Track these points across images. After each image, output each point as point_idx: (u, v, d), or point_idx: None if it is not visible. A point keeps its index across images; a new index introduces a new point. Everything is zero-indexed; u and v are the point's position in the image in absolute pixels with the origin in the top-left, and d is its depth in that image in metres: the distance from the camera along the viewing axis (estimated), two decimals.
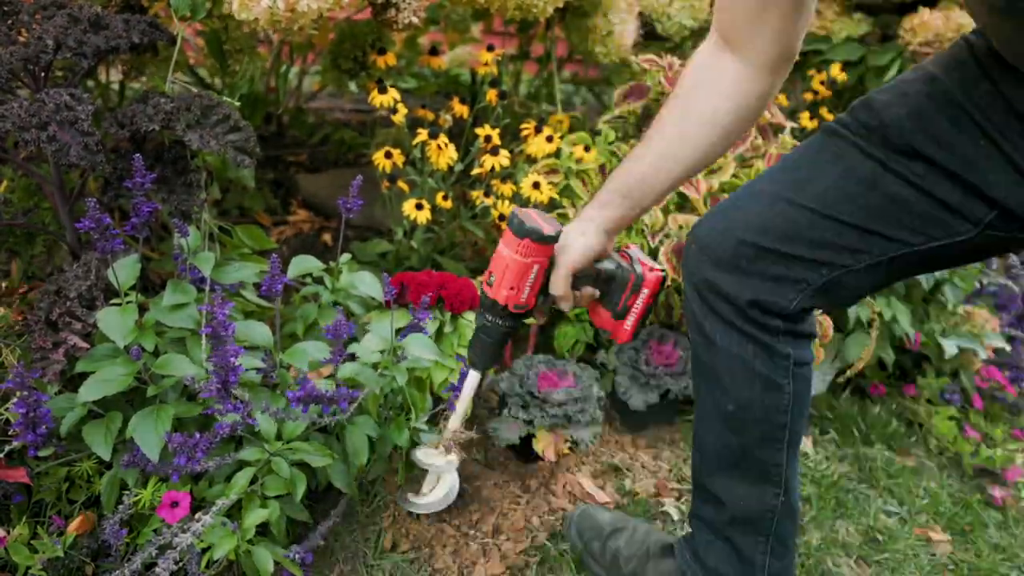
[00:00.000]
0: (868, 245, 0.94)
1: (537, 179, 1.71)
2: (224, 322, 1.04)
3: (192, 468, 1.03)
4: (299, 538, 1.21)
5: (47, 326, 1.11)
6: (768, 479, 1.05)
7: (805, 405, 1.05)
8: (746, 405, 1.02)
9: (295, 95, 2.58)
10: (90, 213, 1.07)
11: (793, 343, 1.01)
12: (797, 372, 1.02)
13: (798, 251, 0.96)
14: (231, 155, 1.25)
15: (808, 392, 1.05)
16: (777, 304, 0.97)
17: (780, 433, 1.03)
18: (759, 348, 0.99)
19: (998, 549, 1.58)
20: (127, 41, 1.28)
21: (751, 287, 0.97)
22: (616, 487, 1.50)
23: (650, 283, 1.11)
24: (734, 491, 1.08)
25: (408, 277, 1.46)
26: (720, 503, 1.09)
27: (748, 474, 1.06)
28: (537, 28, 2.57)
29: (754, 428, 1.03)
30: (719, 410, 1.05)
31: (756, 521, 1.07)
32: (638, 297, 1.11)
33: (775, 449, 1.04)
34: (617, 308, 1.12)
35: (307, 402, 1.10)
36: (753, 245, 0.97)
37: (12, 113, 1.08)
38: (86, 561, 1.09)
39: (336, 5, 1.40)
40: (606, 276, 1.10)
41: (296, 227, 2.18)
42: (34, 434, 1.03)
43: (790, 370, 1.01)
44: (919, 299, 2.04)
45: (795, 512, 1.09)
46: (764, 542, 1.08)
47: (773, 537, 1.08)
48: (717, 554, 1.11)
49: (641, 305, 1.12)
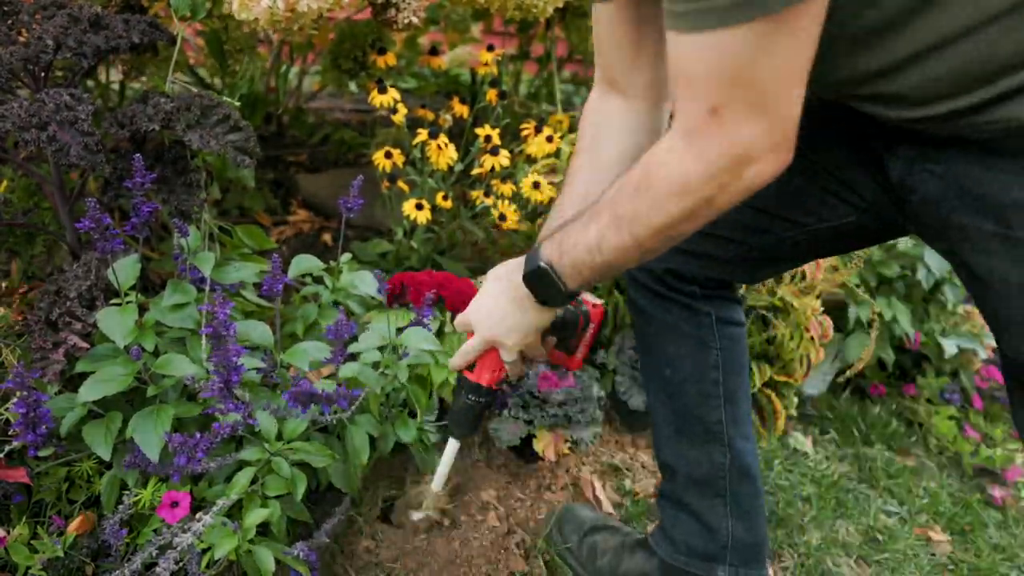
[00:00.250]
0: (771, 225, 1.03)
1: (537, 179, 1.71)
2: (225, 322, 1.04)
3: (193, 469, 1.03)
4: (300, 538, 1.21)
5: (47, 326, 1.11)
6: (711, 438, 1.12)
7: (737, 363, 1.13)
8: (678, 366, 1.12)
9: (295, 95, 2.58)
10: (90, 213, 1.07)
11: (714, 303, 1.11)
12: (723, 330, 1.12)
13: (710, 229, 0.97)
14: (231, 155, 1.25)
15: (740, 351, 1.14)
16: (690, 272, 1.09)
17: (714, 389, 1.12)
18: (681, 309, 1.11)
19: (998, 549, 1.58)
20: (127, 41, 1.28)
21: (664, 258, 1.01)
22: (616, 487, 1.50)
23: (595, 317, 1.19)
24: (683, 456, 1.15)
25: (408, 277, 1.46)
26: (674, 472, 1.17)
27: (692, 436, 1.14)
28: (537, 28, 2.57)
29: (689, 387, 1.12)
30: (659, 378, 1.15)
31: (709, 482, 1.13)
32: (586, 334, 1.20)
33: (712, 407, 1.12)
34: (569, 345, 1.20)
35: (303, 401, 1.10)
36: None
37: (12, 113, 1.08)
38: (86, 561, 1.09)
39: (336, 5, 1.40)
40: (560, 323, 1.13)
41: (296, 227, 2.18)
42: (34, 434, 1.03)
43: (714, 328, 1.11)
44: (919, 299, 2.04)
45: (749, 475, 1.14)
46: (722, 504, 1.13)
47: (730, 499, 1.13)
48: (682, 526, 1.16)
49: (588, 338, 1.21)
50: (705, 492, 1.14)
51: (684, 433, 1.14)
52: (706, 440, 1.13)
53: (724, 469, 1.13)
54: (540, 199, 1.71)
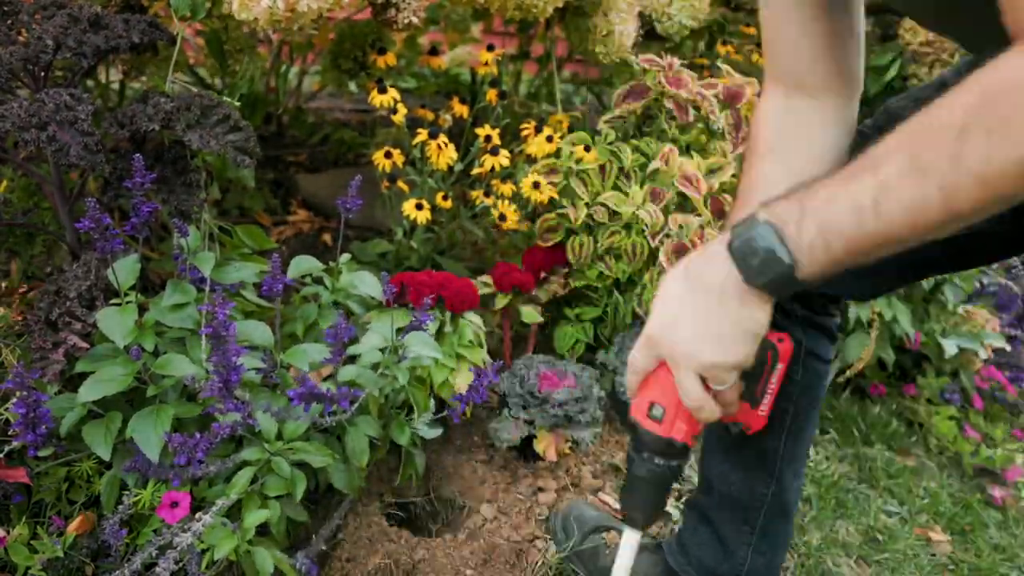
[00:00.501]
0: None
1: (537, 179, 1.71)
2: (224, 322, 1.04)
3: (193, 472, 1.03)
4: (299, 539, 1.21)
5: (47, 326, 1.11)
6: (762, 467, 1.05)
7: (813, 398, 1.05)
8: None
9: (295, 95, 2.58)
10: (90, 213, 1.07)
11: (808, 334, 1.00)
12: (808, 363, 1.01)
13: None
14: (231, 155, 1.25)
15: (819, 388, 1.05)
16: None
17: (783, 419, 1.02)
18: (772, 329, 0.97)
19: (998, 549, 1.58)
20: (127, 41, 1.28)
21: None
22: (616, 487, 1.50)
23: (784, 355, 0.91)
24: (727, 476, 1.08)
25: (408, 277, 1.46)
26: (711, 488, 1.10)
27: (742, 461, 1.06)
28: (537, 28, 2.57)
29: None
30: None
31: (744, 509, 1.07)
32: (773, 377, 0.91)
33: (773, 436, 1.03)
34: (755, 394, 0.91)
35: (308, 400, 1.10)
36: None
37: (12, 113, 1.08)
38: (86, 561, 1.09)
39: (336, 5, 1.40)
40: None
41: (296, 227, 2.18)
42: (34, 434, 1.03)
43: (800, 359, 0.99)
44: (919, 299, 2.04)
45: (786, 512, 1.08)
46: (749, 534, 1.07)
47: (759, 532, 1.07)
48: (701, 541, 1.11)
49: (776, 383, 0.92)
50: (736, 517, 1.08)
51: (734, 453, 1.07)
52: (755, 467, 1.06)
53: (764, 501, 1.07)
54: (540, 199, 1.71)
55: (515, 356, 1.68)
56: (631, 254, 1.70)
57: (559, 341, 1.79)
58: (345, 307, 1.42)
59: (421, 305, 1.27)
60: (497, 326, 1.76)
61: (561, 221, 1.76)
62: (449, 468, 1.46)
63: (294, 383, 1.21)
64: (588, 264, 1.75)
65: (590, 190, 1.77)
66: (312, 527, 1.24)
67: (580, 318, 1.81)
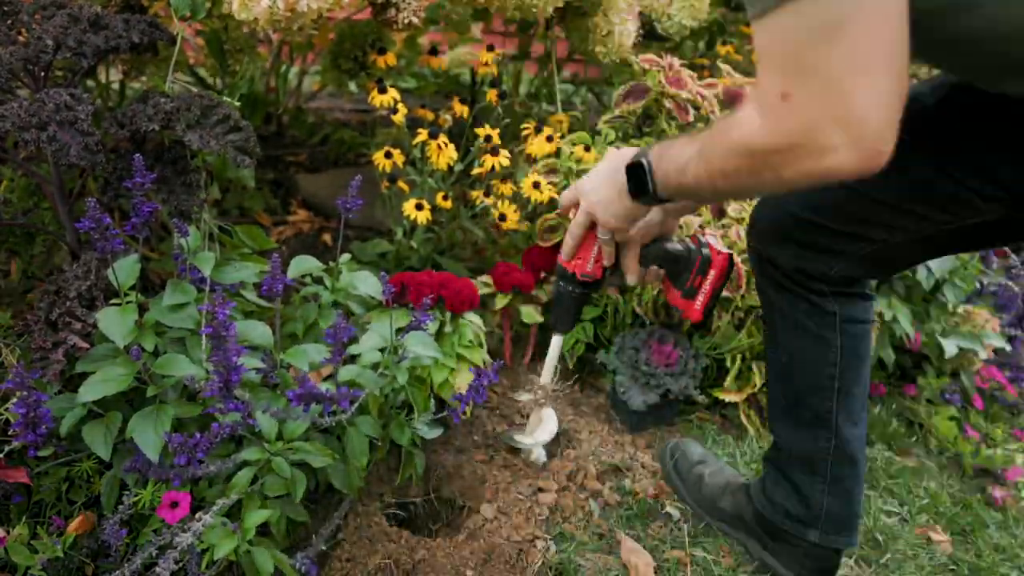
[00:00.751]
0: (902, 222, 1.02)
1: (537, 179, 1.71)
2: (224, 322, 1.04)
3: (193, 472, 1.03)
4: (299, 539, 1.21)
5: (47, 326, 1.11)
6: (819, 423, 1.18)
7: (858, 357, 1.17)
8: (797, 357, 1.18)
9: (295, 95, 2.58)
10: (90, 213, 1.07)
11: (840, 301, 1.13)
12: (846, 328, 1.14)
13: (837, 224, 1.06)
14: (231, 155, 1.25)
15: (863, 346, 1.17)
16: (819, 270, 1.11)
17: (828, 383, 1.16)
18: (808, 305, 1.14)
19: (998, 549, 1.58)
20: (127, 41, 1.28)
21: (795, 255, 1.11)
22: (616, 487, 1.50)
23: (717, 264, 1.19)
24: (790, 435, 1.22)
25: (408, 277, 1.46)
26: (779, 444, 1.25)
27: (800, 419, 1.20)
28: (537, 28, 2.57)
29: (804, 378, 1.18)
30: (777, 362, 1.22)
31: (812, 462, 1.20)
32: (705, 278, 1.19)
33: (824, 397, 1.17)
34: (685, 287, 1.21)
35: (307, 400, 1.10)
36: (796, 217, 1.09)
37: (12, 113, 1.08)
38: (86, 561, 1.09)
39: (336, 5, 1.40)
40: (673, 256, 1.18)
41: (296, 227, 2.18)
42: (34, 434, 1.03)
43: (837, 326, 1.14)
44: (919, 299, 2.04)
45: (853, 459, 1.19)
46: (821, 482, 1.20)
47: (830, 480, 1.19)
48: (781, 492, 1.25)
49: (709, 286, 1.20)
50: (806, 469, 1.21)
51: (793, 414, 1.21)
52: (813, 424, 1.18)
53: (828, 453, 1.18)
54: (540, 199, 1.71)
55: (515, 356, 1.68)
56: None
57: None
58: (345, 307, 1.42)
59: (421, 305, 1.27)
60: (497, 326, 1.76)
61: (561, 221, 1.76)
62: (449, 468, 1.46)
63: (294, 383, 1.21)
64: None
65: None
66: (312, 527, 1.24)
67: (580, 318, 1.81)
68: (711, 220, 1.74)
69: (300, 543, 1.20)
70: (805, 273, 1.12)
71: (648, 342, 1.69)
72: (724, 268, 1.19)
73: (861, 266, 1.10)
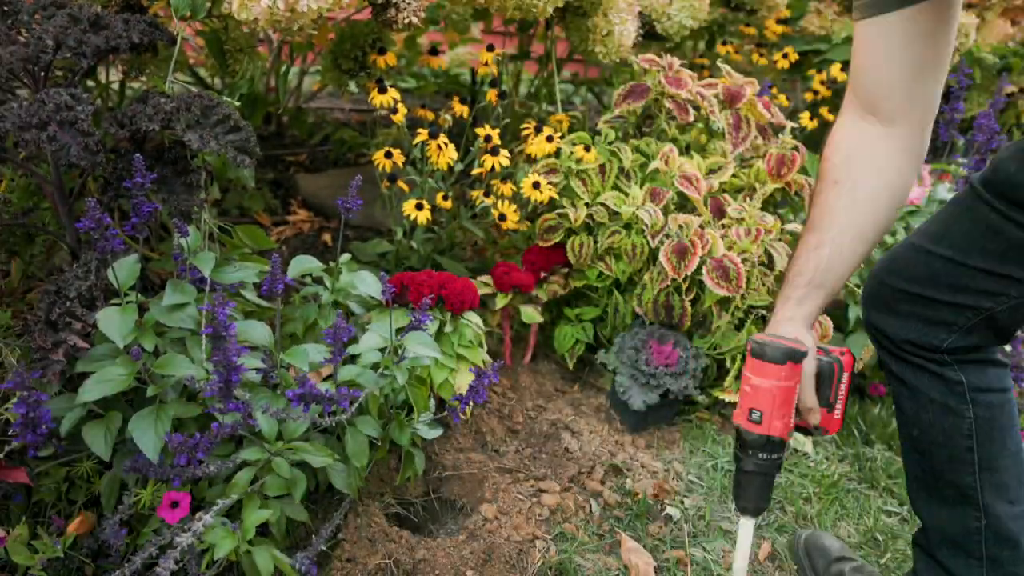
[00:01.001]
0: (1004, 288, 0.99)
1: (537, 179, 1.71)
2: (224, 322, 1.04)
3: (193, 473, 1.03)
4: (299, 539, 1.21)
5: (47, 326, 1.10)
6: (964, 501, 1.08)
7: (1000, 428, 1.07)
8: (927, 430, 1.09)
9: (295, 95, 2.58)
10: (90, 213, 1.07)
11: (967, 369, 1.06)
12: (977, 397, 1.06)
13: (941, 295, 1.03)
14: (231, 155, 1.25)
15: (1003, 416, 1.08)
16: (930, 343, 1.05)
17: (967, 456, 1.07)
18: (930, 376, 1.07)
19: None
20: (127, 41, 1.28)
21: (904, 327, 1.07)
22: (616, 487, 1.50)
23: (847, 366, 1.13)
24: (933, 513, 1.13)
25: (408, 277, 1.46)
26: (927, 528, 1.15)
27: (943, 497, 1.11)
28: (537, 28, 2.57)
29: (938, 451, 1.09)
30: (908, 437, 1.13)
31: (962, 544, 1.10)
32: (842, 384, 1.12)
33: (965, 472, 1.07)
34: (829, 400, 1.11)
35: (307, 401, 1.10)
36: (900, 290, 1.07)
37: (12, 113, 1.08)
38: (86, 561, 1.09)
39: (336, 5, 1.40)
40: (818, 372, 1.08)
41: (296, 227, 2.18)
42: (34, 434, 1.03)
43: (967, 395, 1.06)
44: None
45: (1012, 540, 1.08)
46: (978, 566, 1.09)
47: (987, 563, 1.09)
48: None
49: (844, 390, 1.13)
50: (958, 552, 1.11)
51: (934, 492, 1.12)
52: (958, 503, 1.09)
53: (979, 533, 1.08)
54: (540, 199, 1.71)
55: (515, 356, 1.68)
56: (631, 254, 1.70)
57: (559, 341, 1.79)
58: (345, 307, 1.42)
59: (421, 305, 1.27)
60: (497, 326, 1.76)
61: (561, 221, 1.76)
62: (449, 468, 1.46)
63: (294, 383, 1.21)
64: (588, 264, 1.75)
65: (590, 190, 1.77)
66: (312, 527, 1.24)
67: (580, 318, 1.81)
68: (710, 220, 1.74)
69: (300, 543, 1.20)
70: (916, 345, 1.07)
71: (648, 342, 1.69)
72: (851, 368, 1.14)
73: (972, 335, 1.04)
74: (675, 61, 1.92)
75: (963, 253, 1.01)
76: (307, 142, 2.61)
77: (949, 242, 1.03)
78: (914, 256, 1.06)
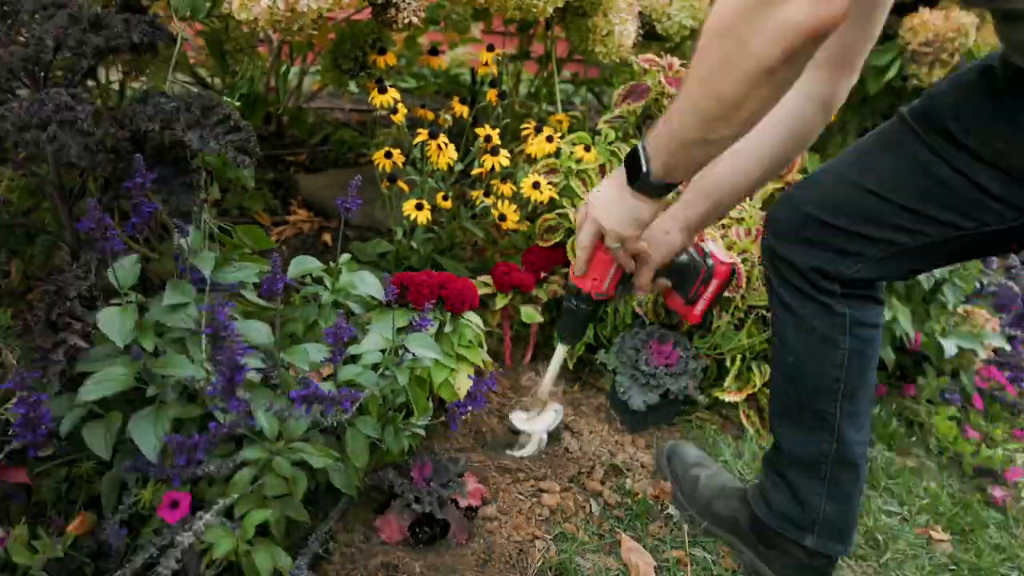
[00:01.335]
0: (922, 226, 1.02)
1: (537, 179, 1.71)
2: (224, 322, 1.04)
3: (193, 472, 1.03)
4: (298, 539, 1.21)
5: (47, 326, 1.10)
6: (822, 426, 1.17)
7: (865, 360, 1.15)
8: (803, 359, 1.16)
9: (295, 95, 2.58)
10: (90, 213, 1.07)
11: (851, 304, 1.12)
12: (856, 331, 1.13)
13: (858, 227, 1.06)
14: (231, 155, 1.24)
15: (870, 350, 1.16)
16: (836, 271, 1.10)
17: (835, 385, 1.15)
18: (817, 307, 1.13)
19: (998, 549, 1.58)
20: (127, 41, 1.28)
21: (813, 256, 1.10)
22: (616, 487, 1.50)
23: (720, 274, 1.26)
24: (791, 435, 1.21)
25: (408, 277, 1.46)
26: (780, 445, 1.23)
27: (802, 421, 1.19)
28: (537, 28, 2.57)
29: (808, 379, 1.17)
30: (783, 362, 1.20)
31: (811, 465, 1.19)
32: (708, 287, 1.27)
33: (828, 400, 1.16)
34: (688, 295, 1.28)
35: (310, 401, 1.10)
36: (817, 219, 1.09)
37: (12, 113, 1.08)
38: (86, 561, 1.09)
39: (336, 5, 1.40)
40: (679, 268, 1.24)
41: (296, 227, 2.18)
42: (34, 434, 1.03)
43: (847, 328, 1.13)
44: (919, 299, 2.04)
45: (853, 463, 1.18)
46: (820, 486, 1.19)
47: (829, 483, 1.18)
48: (779, 494, 1.24)
49: (710, 294, 1.28)
50: (805, 472, 1.20)
51: (796, 417, 1.20)
52: (816, 427, 1.17)
53: (828, 456, 1.17)
54: (540, 199, 1.71)
55: (515, 356, 1.68)
56: None
57: None
58: (345, 307, 1.42)
59: (421, 305, 1.27)
60: (497, 326, 1.76)
61: (561, 221, 1.76)
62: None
63: (294, 383, 1.21)
64: None
65: (590, 190, 1.77)
66: (312, 527, 1.24)
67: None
68: None
69: (300, 543, 1.20)
70: (821, 272, 1.11)
71: (648, 342, 1.69)
72: (726, 278, 1.25)
73: (879, 269, 1.09)
74: (675, 61, 1.92)
75: (888, 189, 1.03)
76: (307, 142, 2.61)
77: (875, 175, 1.04)
78: (836, 186, 1.09)
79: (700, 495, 1.40)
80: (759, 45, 0.76)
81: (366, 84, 1.90)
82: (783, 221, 1.14)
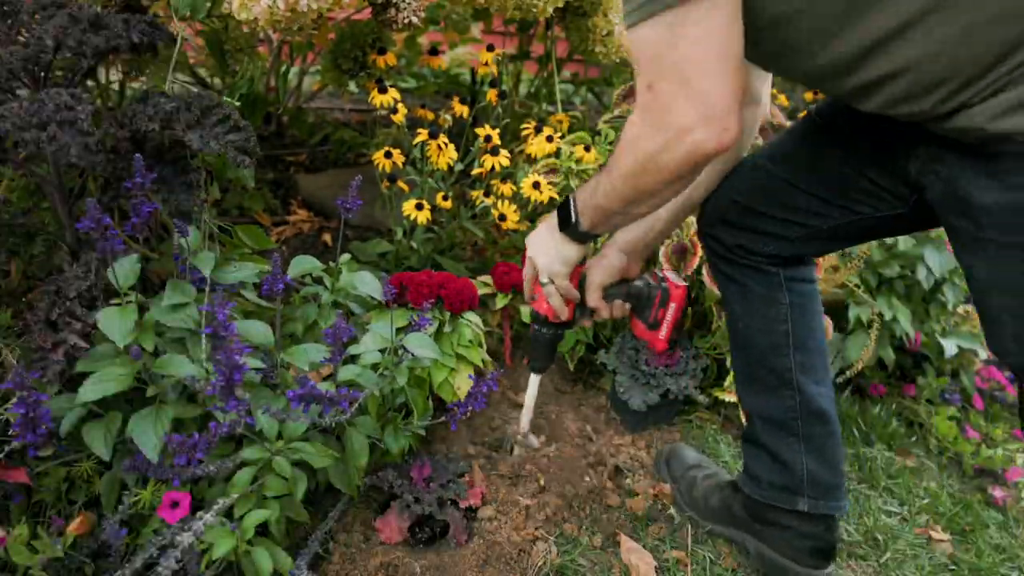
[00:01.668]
0: (829, 211, 1.12)
1: (537, 179, 1.71)
2: (224, 322, 1.04)
3: (193, 472, 1.03)
4: (298, 539, 1.21)
5: (47, 326, 1.10)
6: (781, 383, 1.23)
7: (808, 313, 1.24)
8: (749, 321, 1.25)
9: (295, 95, 2.58)
10: (90, 213, 1.07)
11: (781, 265, 1.22)
12: (791, 286, 1.23)
13: (773, 211, 1.17)
14: (231, 155, 1.25)
15: (810, 303, 1.24)
16: (757, 248, 1.21)
17: (784, 339, 1.23)
18: (753, 271, 1.23)
19: (998, 549, 1.58)
20: (127, 41, 1.28)
21: (735, 235, 1.21)
22: (616, 487, 1.50)
23: (676, 297, 1.33)
24: (757, 401, 1.28)
25: (408, 277, 1.46)
26: (752, 416, 1.30)
27: (764, 383, 1.25)
28: (537, 28, 2.57)
29: (759, 339, 1.24)
30: (734, 332, 1.28)
31: (782, 423, 1.25)
32: (667, 311, 1.34)
33: (781, 355, 1.23)
34: (649, 320, 1.35)
35: (308, 401, 1.10)
36: (737, 203, 1.20)
37: (12, 113, 1.08)
38: (86, 561, 1.09)
39: (336, 5, 1.40)
40: (635, 292, 1.31)
41: (296, 227, 2.18)
42: (34, 434, 1.03)
43: (783, 284, 1.22)
44: (919, 299, 2.04)
45: (821, 414, 1.23)
46: (796, 442, 1.24)
47: (803, 438, 1.23)
48: (761, 464, 1.28)
49: (671, 317, 1.34)
50: (778, 432, 1.25)
51: (757, 380, 1.27)
52: (776, 385, 1.24)
53: (795, 411, 1.23)
54: (540, 199, 1.71)
55: (515, 356, 1.68)
56: None
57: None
58: (345, 307, 1.42)
59: (420, 305, 1.27)
60: (497, 326, 1.76)
61: None
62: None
63: (294, 383, 1.21)
64: None
65: None
66: (311, 527, 1.24)
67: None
68: None
69: (299, 543, 1.20)
70: (745, 249, 1.21)
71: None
72: (683, 300, 1.33)
73: (795, 247, 1.19)
74: None
75: (797, 177, 1.14)
76: (307, 142, 2.61)
77: (786, 164, 1.16)
78: (753, 174, 1.20)
79: (697, 495, 1.43)
80: (671, 162, 0.88)
81: (366, 84, 1.90)
82: (711, 205, 1.25)
